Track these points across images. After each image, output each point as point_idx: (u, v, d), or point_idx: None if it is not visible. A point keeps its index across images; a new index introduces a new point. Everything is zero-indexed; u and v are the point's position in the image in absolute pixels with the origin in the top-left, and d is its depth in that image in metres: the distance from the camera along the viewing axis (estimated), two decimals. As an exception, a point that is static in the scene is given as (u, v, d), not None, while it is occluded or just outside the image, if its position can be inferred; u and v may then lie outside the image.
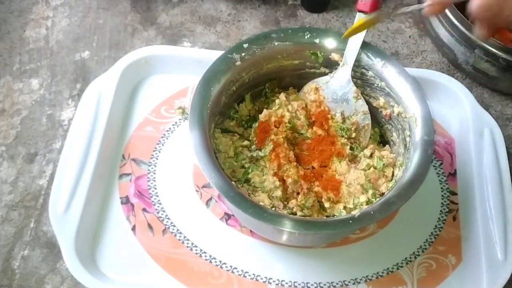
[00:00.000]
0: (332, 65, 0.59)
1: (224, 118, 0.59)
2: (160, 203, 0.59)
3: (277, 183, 0.53)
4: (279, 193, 0.53)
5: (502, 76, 0.68)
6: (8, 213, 0.59)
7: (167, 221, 0.58)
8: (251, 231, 0.57)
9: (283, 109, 0.58)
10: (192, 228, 0.57)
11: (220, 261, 0.56)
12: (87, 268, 0.53)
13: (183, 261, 0.56)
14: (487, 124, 0.64)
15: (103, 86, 0.63)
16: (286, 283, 0.55)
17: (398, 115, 0.56)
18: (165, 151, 0.62)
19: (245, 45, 0.56)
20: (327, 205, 0.53)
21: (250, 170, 0.55)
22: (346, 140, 0.57)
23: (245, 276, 0.55)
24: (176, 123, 0.64)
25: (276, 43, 0.57)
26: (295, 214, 0.52)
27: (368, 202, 0.53)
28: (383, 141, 0.61)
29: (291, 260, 0.56)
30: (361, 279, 0.56)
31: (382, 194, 0.54)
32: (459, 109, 0.66)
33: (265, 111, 0.58)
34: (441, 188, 0.62)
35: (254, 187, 0.54)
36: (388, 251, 0.57)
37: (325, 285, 0.55)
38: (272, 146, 0.55)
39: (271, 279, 0.55)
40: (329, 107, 0.59)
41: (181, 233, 0.57)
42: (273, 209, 0.51)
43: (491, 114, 0.65)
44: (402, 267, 0.57)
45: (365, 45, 0.56)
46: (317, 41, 0.58)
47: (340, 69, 0.58)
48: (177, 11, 0.77)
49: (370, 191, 0.53)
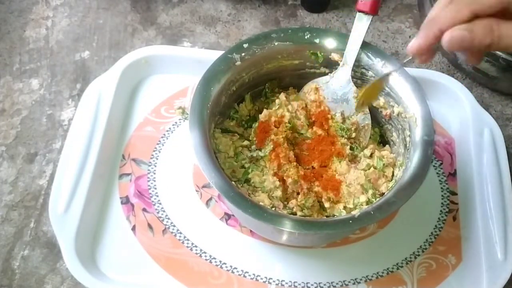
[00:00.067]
0: (332, 65, 0.59)
1: (224, 118, 0.59)
2: (160, 203, 0.59)
3: (277, 183, 0.53)
4: (279, 193, 0.53)
5: (502, 76, 0.68)
6: (8, 213, 0.59)
7: (167, 221, 0.58)
8: (251, 231, 0.57)
9: (283, 109, 0.58)
10: (192, 228, 0.57)
11: (220, 261, 0.56)
12: (87, 268, 0.53)
13: (183, 261, 0.56)
14: (487, 124, 0.64)
15: (103, 86, 0.63)
16: (286, 283, 0.55)
17: (398, 115, 0.56)
18: (165, 151, 0.62)
19: (245, 45, 0.56)
20: (327, 205, 0.53)
21: (250, 170, 0.55)
22: (346, 140, 0.57)
23: (245, 276, 0.55)
24: (176, 123, 0.64)
25: (276, 43, 0.57)
26: (295, 214, 0.52)
27: (368, 202, 0.53)
28: (383, 141, 0.61)
29: (291, 260, 0.56)
30: (361, 279, 0.56)
31: (382, 194, 0.54)
32: (459, 109, 0.66)
33: (265, 111, 0.58)
34: (441, 188, 0.62)
35: (254, 187, 0.54)
36: (388, 251, 0.57)
37: (325, 285, 0.55)
38: (272, 146, 0.55)
39: (271, 279, 0.55)
40: (329, 107, 0.59)
41: (181, 233, 0.57)
42: (273, 209, 0.51)
43: (491, 114, 0.65)
44: (402, 267, 0.57)
45: (365, 45, 0.56)
46: (317, 41, 0.57)
47: (340, 69, 0.58)
48: (177, 11, 0.77)
49: (370, 191, 0.53)
